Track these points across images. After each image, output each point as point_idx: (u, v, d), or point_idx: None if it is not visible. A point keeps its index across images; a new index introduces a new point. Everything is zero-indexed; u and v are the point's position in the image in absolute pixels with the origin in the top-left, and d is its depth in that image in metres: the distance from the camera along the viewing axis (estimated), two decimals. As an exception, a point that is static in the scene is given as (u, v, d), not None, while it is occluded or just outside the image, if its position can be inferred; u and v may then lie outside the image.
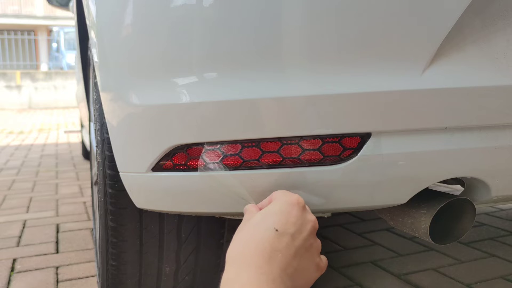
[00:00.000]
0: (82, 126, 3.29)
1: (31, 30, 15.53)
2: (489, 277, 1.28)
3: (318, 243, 0.61)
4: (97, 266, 1.12)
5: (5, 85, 10.18)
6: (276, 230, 0.55)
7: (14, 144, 4.64)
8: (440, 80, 0.63)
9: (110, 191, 0.83)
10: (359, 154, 0.65)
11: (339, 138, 0.65)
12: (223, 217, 0.94)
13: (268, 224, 0.56)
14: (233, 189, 0.68)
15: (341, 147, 0.65)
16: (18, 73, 10.34)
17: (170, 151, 0.69)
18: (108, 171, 0.82)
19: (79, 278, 1.34)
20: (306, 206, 0.62)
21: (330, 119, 0.63)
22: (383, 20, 0.61)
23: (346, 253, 1.48)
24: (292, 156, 0.66)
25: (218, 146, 0.66)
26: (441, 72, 0.63)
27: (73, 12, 2.01)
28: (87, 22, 0.90)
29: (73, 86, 10.05)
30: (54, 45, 14.22)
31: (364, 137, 0.65)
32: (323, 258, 0.63)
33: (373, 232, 1.68)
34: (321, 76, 0.62)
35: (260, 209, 0.63)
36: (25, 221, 1.93)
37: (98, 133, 0.87)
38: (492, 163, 0.69)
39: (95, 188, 1.24)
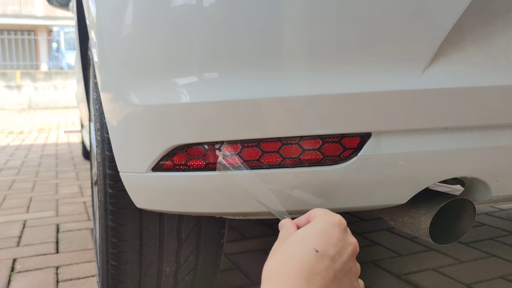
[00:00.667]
0: (82, 126, 3.29)
1: (31, 30, 15.53)
2: (489, 277, 1.28)
3: (357, 267, 0.59)
4: (97, 266, 1.12)
5: (5, 85, 10.18)
6: (317, 251, 0.53)
7: (14, 144, 4.64)
8: (440, 80, 0.63)
9: (110, 191, 0.83)
10: (359, 154, 0.65)
11: (339, 138, 0.65)
12: (223, 217, 0.94)
13: (308, 244, 0.54)
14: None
15: (341, 147, 0.65)
16: (18, 73, 10.34)
17: (170, 151, 0.69)
18: (108, 171, 0.83)
19: (79, 278, 1.34)
20: (347, 228, 0.60)
21: (330, 119, 0.63)
22: (383, 20, 0.61)
23: (346, 253, 1.47)
24: (292, 156, 0.66)
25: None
26: (441, 72, 0.63)
27: (73, 12, 2.01)
28: (87, 22, 0.90)
29: (73, 86, 10.06)
30: (54, 45, 14.22)
31: (364, 137, 0.65)
32: (361, 282, 0.60)
33: (373, 232, 1.68)
34: (321, 76, 0.62)
35: (297, 225, 0.61)
36: (25, 221, 1.93)
37: (98, 133, 0.87)
38: (492, 163, 0.69)
39: (95, 188, 1.24)
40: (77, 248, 1.59)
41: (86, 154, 3.42)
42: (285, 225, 0.61)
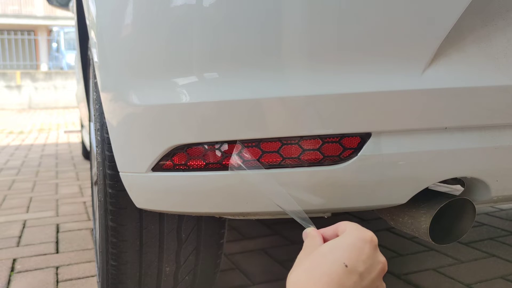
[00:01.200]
0: (82, 126, 3.29)
1: (31, 30, 15.53)
2: (489, 277, 1.28)
3: (383, 286, 0.58)
4: (97, 266, 1.12)
5: (5, 85, 10.17)
6: (346, 266, 0.52)
7: (14, 144, 4.64)
8: (440, 80, 0.63)
9: (110, 191, 0.83)
10: (359, 154, 0.65)
11: (339, 138, 0.65)
12: (223, 217, 0.94)
13: (338, 258, 0.53)
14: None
15: (341, 147, 0.65)
16: (18, 73, 10.34)
17: (170, 151, 0.69)
18: (108, 171, 0.83)
19: (79, 278, 1.34)
20: (377, 246, 0.59)
21: (330, 119, 0.63)
22: (383, 20, 0.61)
23: (346, 253, 1.47)
24: (292, 156, 0.66)
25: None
26: (441, 72, 0.63)
27: (73, 12, 2.01)
28: (87, 22, 0.90)
29: (73, 86, 10.05)
30: (54, 45, 14.21)
31: (364, 137, 0.65)
32: None
33: (373, 232, 1.68)
34: (322, 76, 0.62)
35: (323, 235, 0.59)
36: (25, 221, 1.93)
37: (98, 133, 0.87)
38: (492, 163, 0.69)
39: (95, 188, 1.24)
40: (77, 248, 1.59)
41: (86, 154, 3.42)
42: (311, 234, 0.60)
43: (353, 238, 0.55)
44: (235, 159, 0.66)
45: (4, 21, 15.66)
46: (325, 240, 0.58)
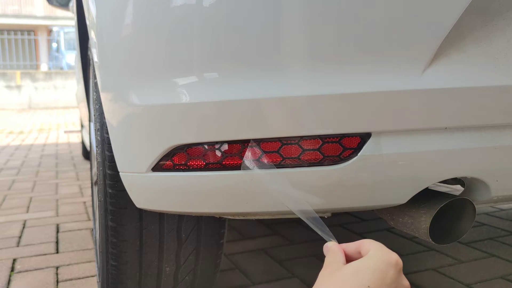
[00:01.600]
0: (82, 126, 3.29)
1: (31, 30, 15.53)
2: (489, 277, 1.28)
3: None
4: (97, 266, 1.12)
5: (5, 85, 10.17)
6: None
7: (14, 144, 4.64)
8: (440, 80, 0.63)
9: (110, 191, 0.84)
10: (359, 154, 0.65)
11: (339, 138, 0.65)
12: (223, 217, 0.94)
13: (362, 281, 0.52)
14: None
15: (341, 147, 0.65)
16: (18, 73, 10.34)
17: (170, 151, 0.69)
18: (108, 171, 0.83)
19: (79, 278, 1.34)
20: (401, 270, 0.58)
21: (330, 119, 0.63)
22: (383, 20, 0.61)
23: (346, 253, 1.47)
24: (292, 156, 0.66)
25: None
26: (441, 72, 0.63)
27: (73, 12, 2.01)
28: (87, 22, 0.90)
29: (73, 86, 10.05)
30: (54, 45, 14.21)
31: (364, 137, 0.65)
32: None
33: (373, 232, 1.68)
34: (322, 76, 0.62)
35: (345, 251, 0.59)
36: (25, 221, 1.93)
37: (98, 133, 0.87)
38: (492, 163, 0.69)
39: (95, 188, 1.24)
40: (77, 248, 1.59)
41: (86, 154, 3.42)
42: (332, 249, 0.59)
43: (378, 260, 0.55)
44: (248, 159, 0.66)
45: (4, 21, 15.66)
46: (346, 256, 0.58)
